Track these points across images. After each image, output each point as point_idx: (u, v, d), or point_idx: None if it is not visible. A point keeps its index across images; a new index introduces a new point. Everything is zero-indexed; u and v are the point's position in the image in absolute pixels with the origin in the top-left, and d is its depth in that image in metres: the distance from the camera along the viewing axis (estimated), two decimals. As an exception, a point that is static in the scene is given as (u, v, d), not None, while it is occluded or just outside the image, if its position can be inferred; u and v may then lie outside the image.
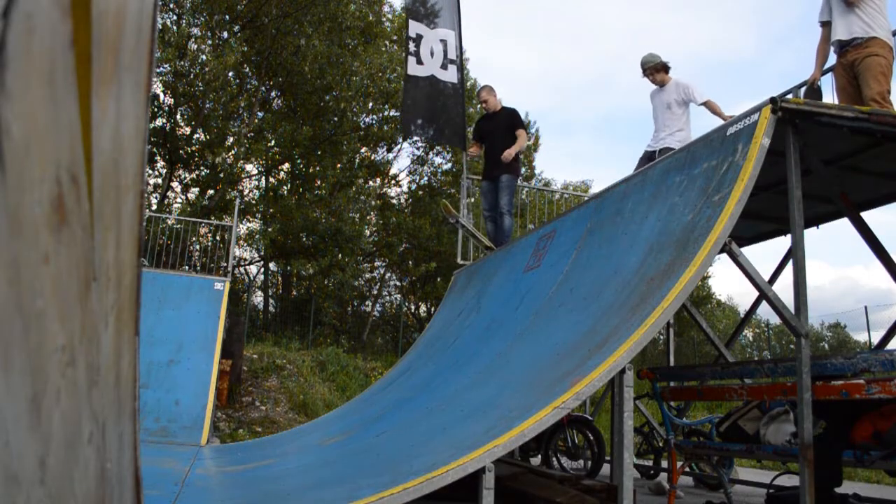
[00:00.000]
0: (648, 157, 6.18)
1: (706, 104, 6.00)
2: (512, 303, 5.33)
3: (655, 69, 6.17)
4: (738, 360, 7.85)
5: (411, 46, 8.40)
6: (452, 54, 8.45)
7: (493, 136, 7.26)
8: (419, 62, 8.35)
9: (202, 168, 15.33)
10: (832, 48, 4.89)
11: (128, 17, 0.69)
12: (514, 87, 53.63)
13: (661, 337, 12.44)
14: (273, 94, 18.12)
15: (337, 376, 11.78)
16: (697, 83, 6.13)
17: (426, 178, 20.51)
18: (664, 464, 6.11)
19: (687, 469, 5.06)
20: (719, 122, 5.34)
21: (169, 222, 11.98)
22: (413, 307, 20.84)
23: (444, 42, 8.46)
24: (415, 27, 8.47)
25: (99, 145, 0.61)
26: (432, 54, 8.39)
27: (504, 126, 7.17)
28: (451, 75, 8.40)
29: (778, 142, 3.47)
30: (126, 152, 0.74)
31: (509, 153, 6.99)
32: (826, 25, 4.94)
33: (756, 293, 5.24)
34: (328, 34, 16.12)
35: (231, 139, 14.99)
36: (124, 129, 0.72)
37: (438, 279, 18.49)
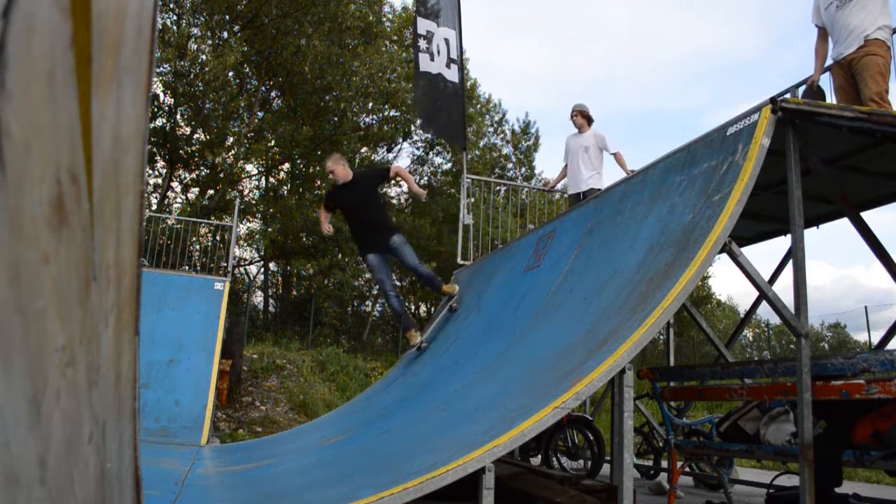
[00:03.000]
0: (575, 198, 7.03)
1: (616, 155, 7.08)
2: (512, 303, 5.32)
3: (583, 115, 7.23)
4: (738, 360, 7.85)
5: (422, 44, 8.38)
6: (454, 54, 8.46)
7: (356, 205, 6.16)
8: (432, 59, 8.35)
9: (202, 168, 15.34)
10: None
11: (128, 17, 0.69)
12: (515, 87, 53.62)
13: (661, 337, 12.44)
14: (273, 94, 18.13)
15: (337, 376, 11.78)
16: (610, 135, 7.25)
17: (426, 178, 20.53)
18: (664, 464, 6.11)
19: (687, 469, 5.06)
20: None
21: (169, 222, 11.98)
22: (413, 307, 20.83)
23: (446, 41, 8.47)
24: (424, 24, 8.47)
25: (99, 145, 0.61)
26: (439, 51, 8.39)
27: (365, 188, 6.19)
28: (452, 74, 8.41)
29: (778, 142, 3.46)
30: (126, 152, 0.74)
31: (418, 191, 6.55)
32: (821, 27, 4.93)
33: (756, 293, 5.24)
34: (328, 34, 16.13)
35: (231, 139, 15.00)
36: (124, 129, 0.72)
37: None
